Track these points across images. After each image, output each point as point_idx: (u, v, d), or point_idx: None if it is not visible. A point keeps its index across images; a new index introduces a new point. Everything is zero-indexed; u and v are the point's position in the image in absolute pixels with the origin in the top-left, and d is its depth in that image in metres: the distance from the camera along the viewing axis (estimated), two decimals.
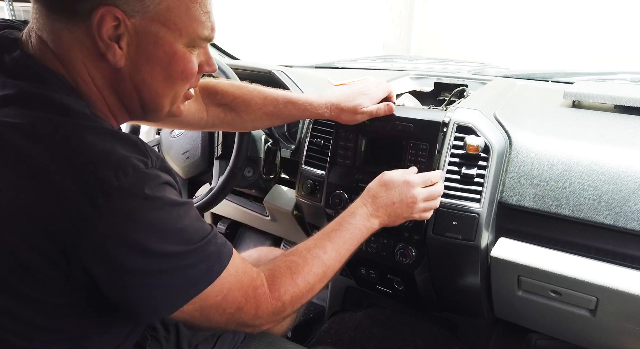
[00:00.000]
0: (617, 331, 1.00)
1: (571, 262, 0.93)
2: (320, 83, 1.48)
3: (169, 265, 0.62)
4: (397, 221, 0.93)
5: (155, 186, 0.60)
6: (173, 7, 0.63)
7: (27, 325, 0.62)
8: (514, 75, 1.54)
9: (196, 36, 0.67)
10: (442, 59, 1.88)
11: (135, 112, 0.71)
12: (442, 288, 1.18)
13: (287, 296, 0.75)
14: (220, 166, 1.28)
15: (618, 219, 0.89)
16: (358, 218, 0.89)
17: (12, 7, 3.99)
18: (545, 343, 1.36)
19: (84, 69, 0.63)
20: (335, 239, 0.85)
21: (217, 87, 1.07)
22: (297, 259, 0.80)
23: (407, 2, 5.87)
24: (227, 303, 0.68)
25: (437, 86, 1.48)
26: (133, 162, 0.59)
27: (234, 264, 0.69)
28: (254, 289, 0.71)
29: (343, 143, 1.13)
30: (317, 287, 0.80)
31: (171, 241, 0.61)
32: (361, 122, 1.08)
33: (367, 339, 1.39)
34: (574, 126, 1.07)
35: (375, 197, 0.92)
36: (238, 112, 1.08)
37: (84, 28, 0.60)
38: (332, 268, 0.83)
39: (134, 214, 0.58)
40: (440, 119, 1.03)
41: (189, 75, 0.69)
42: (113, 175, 0.56)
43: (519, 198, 0.98)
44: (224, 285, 0.67)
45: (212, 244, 0.66)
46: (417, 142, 1.04)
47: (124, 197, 0.57)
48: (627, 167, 0.91)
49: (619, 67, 1.46)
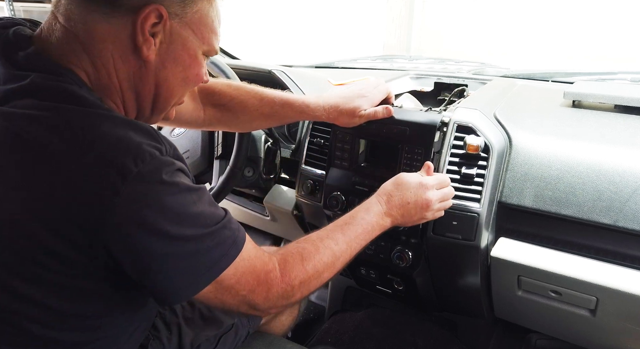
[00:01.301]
0: (617, 331, 1.00)
1: (571, 262, 0.93)
2: (321, 83, 1.48)
3: (187, 248, 0.64)
4: (410, 222, 0.94)
5: (171, 172, 0.63)
6: (203, 18, 0.71)
7: (45, 311, 0.64)
8: (514, 75, 1.55)
9: (212, 47, 0.75)
10: (442, 58, 1.88)
11: (143, 110, 0.75)
12: (442, 288, 1.18)
13: (297, 281, 0.77)
14: (220, 165, 1.28)
15: (618, 219, 0.89)
16: (372, 215, 0.90)
17: (12, 7, 4.00)
18: (545, 343, 1.36)
19: (111, 61, 0.66)
20: (347, 232, 0.86)
21: (215, 87, 1.07)
22: (309, 246, 0.81)
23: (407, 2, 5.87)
24: (240, 286, 0.70)
25: (437, 86, 1.48)
26: (149, 149, 0.61)
27: (247, 249, 0.71)
28: (266, 273, 0.73)
29: (340, 145, 1.13)
30: (325, 276, 0.82)
31: (188, 224, 0.64)
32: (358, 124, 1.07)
33: (367, 339, 1.39)
34: (574, 125, 1.07)
35: (390, 196, 0.92)
36: (234, 112, 1.08)
37: (124, 21, 0.64)
38: (342, 259, 0.84)
39: (153, 199, 0.60)
40: (437, 122, 1.01)
41: (200, 80, 0.76)
42: (132, 161, 0.58)
43: (519, 198, 0.98)
44: (238, 269, 0.69)
45: (227, 228, 0.69)
46: (413, 146, 1.03)
47: (143, 182, 0.59)
48: (627, 167, 0.91)
49: (619, 67, 1.46)
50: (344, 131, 1.11)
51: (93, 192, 0.58)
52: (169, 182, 0.62)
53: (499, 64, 1.73)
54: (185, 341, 0.96)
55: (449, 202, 0.97)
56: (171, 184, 0.62)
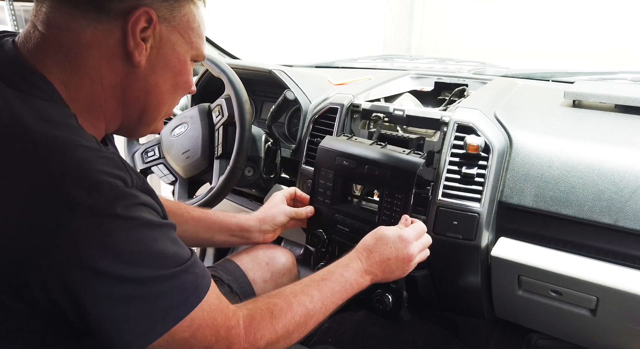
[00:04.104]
0: (618, 330, 1.00)
1: (572, 262, 0.93)
2: (321, 82, 1.48)
3: (139, 292, 0.57)
4: (390, 278, 0.91)
5: (130, 206, 0.56)
6: (191, 22, 0.69)
7: None
8: (515, 74, 1.54)
9: (200, 52, 0.73)
10: (442, 58, 1.88)
11: (129, 119, 0.71)
12: (442, 288, 1.18)
13: (263, 341, 0.70)
14: (221, 165, 1.28)
15: (618, 218, 0.89)
16: (351, 272, 0.87)
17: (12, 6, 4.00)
18: (546, 342, 1.36)
19: (96, 68, 0.63)
20: (324, 289, 0.82)
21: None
22: (281, 302, 0.75)
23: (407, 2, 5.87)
24: (195, 341, 0.63)
25: (438, 86, 1.48)
26: (110, 179, 0.55)
27: (209, 299, 0.64)
28: (227, 329, 0.66)
29: (323, 182, 1.10)
30: (295, 337, 0.76)
31: (142, 264, 0.57)
32: (338, 163, 1.07)
33: (367, 339, 1.39)
34: (575, 125, 1.07)
35: (370, 252, 0.90)
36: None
37: (112, 26, 0.62)
38: (315, 318, 0.79)
39: (101, 234, 0.54)
40: (418, 166, 0.97)
41: (189, 87, 0.74)
42: (85, 192, 0.53)
43: (519, 198, 0.98)
44: (195, 320, 0.62)
45: (189, 273, 0.62)
46: (392, 190, 1.00)
47: (92, 216, 0.53)
48: (628, 166, 0.91)
49: (620, 67, 1.46)
50: (327, 168, 1.10)
51: (35, 224, 0.52)
52: (123, 216, 0.55)
53: (500, 64, 1.73)
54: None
55: (426, 252, 0.95)
56: (126, 219, 0.55)
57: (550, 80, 1.49)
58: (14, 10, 3.98)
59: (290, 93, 1.24)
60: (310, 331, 0.80)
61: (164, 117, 0.78)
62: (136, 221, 0.57)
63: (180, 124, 1.37)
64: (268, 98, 1.63)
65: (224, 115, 1.27)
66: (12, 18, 3.99)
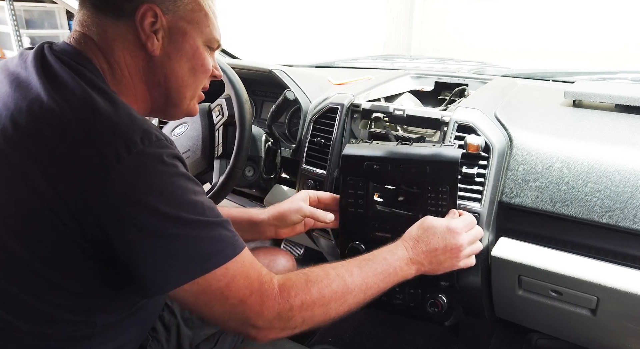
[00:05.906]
0: (618, 330, 1.00)
1: (572, 261, 0.93)
2: (321, 82, 1.48)
3: (182, 231, 0.62)
4: (439, 270, 0.89)
5: (172, 157, 0.65)
6: (195, 11, 0.76)
7: (34, 308, 0.64)
8: (515, 74, 1.54)
9: (212, 37, 0.79)
10: (442, 58, 1.88)
11: (157, 101, 0.79)
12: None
13: (297, 300, 0.69)
14: (221, 165, 1.28)
15: (619, 218, 0.89)
16: (396, 258, 0.84)
17: (12, 6, 4.00)
18: (546, 342, 1.36)
19: (122, 58, 0.73)
20: (364, 268, 0.80)
21: None
22: (318, 271, 0.76)
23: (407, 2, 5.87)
24: (230, 291, 0.65)
25: (438, 85, 1.48)
26: (157, 133, 0.65)
27: (244, 254, 0.68)
28: (260, 283, 0.68)
29: (353, 191, 1.03)
30: (332, 306, 0.74)
31: (185, 208, 0.63)
32: (368, 169, 1.01)
33: (367, 339, 1.39)
34: (575, 125, 1.07)
35: (417, 241, 0.87)
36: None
37: (127, 23, 0.71)
38: (354, 295, 0.76)
39: (152, 174, 0.61)
40: (458, 157, 0.94)
41: (207, 70, 0.80)
42: (139, 138, 0.61)
43: (519, 198, 0.98)
44: (229, 270, 0.65)
45: (226, 229, 0.68)
46: (436, 186, 0.96)
47: (146, 157, 0.61)
48: (628, 166, 0.91)
49: (620, 67, 1.46)
50: (356, 175, 1.03)
51: (97, 157, 0.59)
52: (170, 164, 0.64)
53: (500, 64, 1.73)
54: (184, 342, 0.96)
55: (478, 245, 0.93)
56: (172, 166, 0.64)
57: (551, 80, 1.49)
58: (14, 10, 3.98)
59: (290, 93, 1.24)
60: (352, 310, 0.77)
61: (194, 100, 0.84)
62: (178, 169, 0.65)
63: (181, 124, 1.37)
64: (268, 98, 1.63)
65: (224, 115, 1.27)
66: (12, 18, 3.99)
